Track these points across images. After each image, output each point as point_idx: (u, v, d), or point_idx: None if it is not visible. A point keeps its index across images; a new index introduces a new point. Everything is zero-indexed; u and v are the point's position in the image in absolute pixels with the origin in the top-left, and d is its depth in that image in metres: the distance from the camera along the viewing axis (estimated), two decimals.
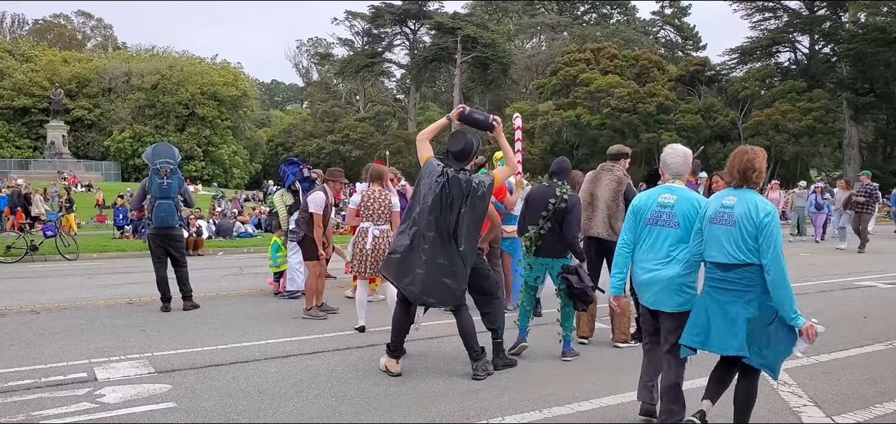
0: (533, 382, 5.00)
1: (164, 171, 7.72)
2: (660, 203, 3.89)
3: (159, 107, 56.25)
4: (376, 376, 5.10)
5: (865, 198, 15.20)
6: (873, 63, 44.38)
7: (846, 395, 4.74)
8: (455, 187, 4.90)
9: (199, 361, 5.54)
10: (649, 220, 3.92)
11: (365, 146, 58.64)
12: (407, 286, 4.96)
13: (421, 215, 4.94)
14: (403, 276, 4.95)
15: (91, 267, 13.01)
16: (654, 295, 3.86)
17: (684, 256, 3.74)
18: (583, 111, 52.09)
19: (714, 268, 3.57)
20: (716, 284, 3.56)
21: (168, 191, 7.74)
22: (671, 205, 3.84)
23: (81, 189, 38.48)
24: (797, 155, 47.66)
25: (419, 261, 4.89)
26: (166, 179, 7.72)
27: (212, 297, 9.00)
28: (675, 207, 3.81)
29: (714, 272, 3.57)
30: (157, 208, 7.69)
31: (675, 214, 3.81)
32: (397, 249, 5.03)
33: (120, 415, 4.24)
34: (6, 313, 7.72)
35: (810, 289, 9.25)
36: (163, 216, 7.72)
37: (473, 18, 64.25)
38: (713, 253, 3.56)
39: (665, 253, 3.82)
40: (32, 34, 71.00)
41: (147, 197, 7.86)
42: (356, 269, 6.54)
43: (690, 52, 68.72)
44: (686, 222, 3.77)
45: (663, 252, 3.83)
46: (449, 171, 4.95)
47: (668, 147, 4.11)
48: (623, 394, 4.71)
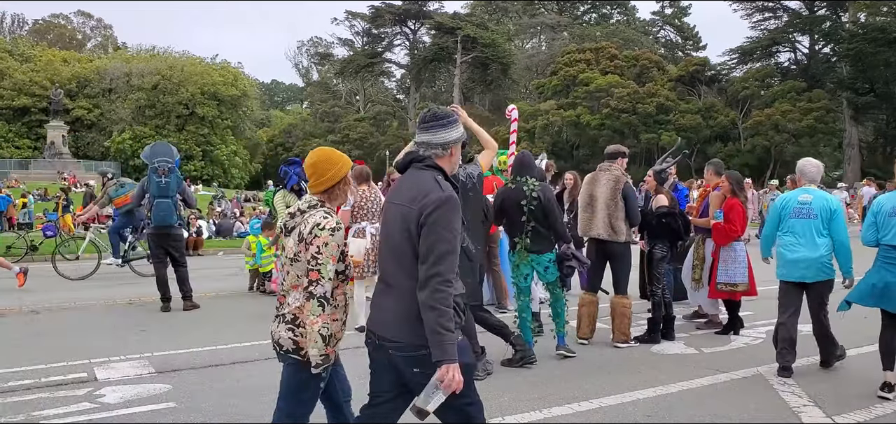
0: (533, 382, 5.00)
1: (162, 170, 7.72)
2: (800, 201, 5.15)
3: (159, 107, 56.19)
4: None
5: None
6: (873, 63, 44.37)
7: (846, 395, 4.74)
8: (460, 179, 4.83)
9: (199, 361, 5.54)
10: (792, 214, 5.15)
11: (365, 146, 58.63)
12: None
13: None
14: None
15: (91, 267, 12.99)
16: (801, 271, 5.10)
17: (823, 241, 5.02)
18: (583, 111, 52.07)
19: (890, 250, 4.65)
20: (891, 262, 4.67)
21: (166, 190, 7.73)
22: (809, 202, 5.10)
23: (81, 189, 38.45)
24: (797, 155, 47.56)
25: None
26: (164, 178, 7.72)
27: (212, 297, 9.00)
28: (813, 204, 5.08)
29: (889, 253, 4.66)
30: (155, 207, 7.69)
31: (813, 209, 5.07)
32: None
33: (120, 415, 4.24)
34: (6, 313, 7.71)
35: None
36: (161, 215, 7.71)
37: (473, 18, 64.22)
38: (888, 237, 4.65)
39: (809, 239, 5.05)
40: (32, 34, 70.95)
41: (146, 196, 7.86)
42: (354, 269, 6.57)
43: (690, 52, 68.66)
44: (822, 214, 5.03)
45: (806, 238, 5.05)
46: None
47: (803, 159, 5.43)
48: (623, 394, 4.71)
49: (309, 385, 2.81)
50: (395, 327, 2.57)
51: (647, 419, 4.27)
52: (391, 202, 2.71)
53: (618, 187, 5.97)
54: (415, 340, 2.49)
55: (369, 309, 2.83)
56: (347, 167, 2.86)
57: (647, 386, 4.88)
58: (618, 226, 5.90)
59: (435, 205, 2.47)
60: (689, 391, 4.86)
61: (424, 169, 2.66)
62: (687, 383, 5.02)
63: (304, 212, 2.75)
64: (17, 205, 23.54)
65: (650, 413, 4.34)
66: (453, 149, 2.74)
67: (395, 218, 2.61)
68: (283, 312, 2.78)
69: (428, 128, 2.72)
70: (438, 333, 2.39)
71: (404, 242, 2.53)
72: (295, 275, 2.73)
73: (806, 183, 5.25)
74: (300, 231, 2.71)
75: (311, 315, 2.61)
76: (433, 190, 2.54)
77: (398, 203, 2.61)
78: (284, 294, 2.81)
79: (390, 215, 2.67)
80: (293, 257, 2.72)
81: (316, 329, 2.60)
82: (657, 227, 6.24)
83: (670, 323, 6.42)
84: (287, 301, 2.78)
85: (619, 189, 5.96)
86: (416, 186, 2.59)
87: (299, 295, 2.70)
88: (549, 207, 5.46)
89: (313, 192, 2.81)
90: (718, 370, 5.33)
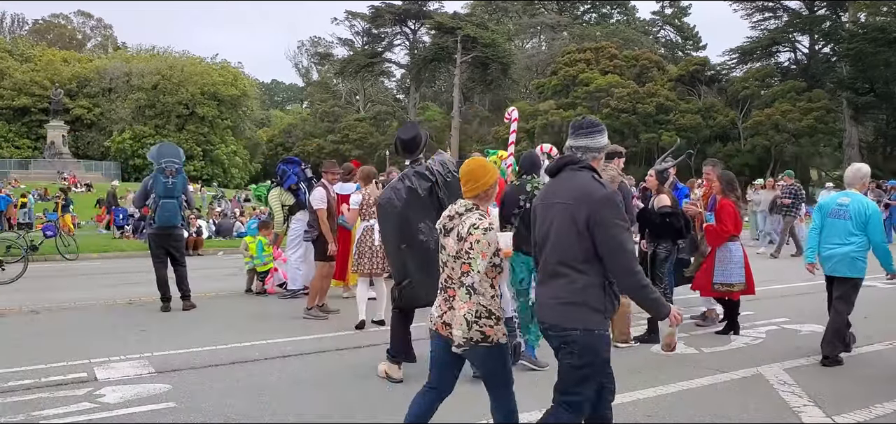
0: (533, 382, 5.00)
1: (170, 171, 7.71)
2: (838, 203, 5.65)
3: (159, 107, 56.20)
4: (376, 376, 5.09)
5: (791, 199, 14.65)
6: (873, 63, 44.32)
7: (846, 395, 4.73)
8: (420, 180, 4.84)
9: (199, 361, 5.54)
10: (831, 214, 5.65)
11: (365, 146, 58.60)
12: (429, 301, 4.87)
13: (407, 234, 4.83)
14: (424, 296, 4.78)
15: (91, 267, 13.01)
16: (833, 265, 5.57)
17: (855, 239, 5.43)
18: (583, 111, 51.92)
19: None
20: None
21: (173, 191, 7.73)
22: (846, 204, 5.56)
23: (81, 189, 38.44)
24: (797, 155, 47.61)
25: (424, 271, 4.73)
26: (171, 179, 7.71)
27: (212, 297, 9.00)
28: (849, 207, 5.54)
29: None
30: (161, 207, 7.66)
31: (848, 211, 5.52)
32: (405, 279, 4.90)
33: (120, 415, 4.24)
34: (6, 313, 7.71)
35: (810, 290, 9.24)
36: (167, 215, 7.71)
37: (473, 18, 64.17)
38: None
39: (841, 238, 5.50)
40: (32, 34, 70.95)
41: (151, 196, 7.81)
42: (356, 265, 6.60)
43: (690, 52, 68.62)
44: (856, 216, 5.46)
45: (840, 237, 5.52)
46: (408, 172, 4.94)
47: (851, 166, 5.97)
48: (623, 394, 4.69)
49: (503, 361, 3.17)
50: (551, 310, 2.95)
51: (647, 419, 4.27)
52: (551, 201, 3.02)
53: (612, 185, 5.96)
54: (566, 323, 2.88)
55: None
56: (495, 176, 3.29)
57: (647, 386, 4.88)
58: None
59: (603, 202, 2.84)
60: (689, 391, 4.86)
61: (581, 170, 2.99)
62: (687, 383, 5.02)
63: (461, 215, 3.15)
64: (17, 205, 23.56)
65: (650, 413, 4.35)
66: (601, 154, 3.14)
67: (558, 215, 2.94)
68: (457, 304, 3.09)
69: (586, 134, 3.10)
70: (653, 299, 2.89)
71: (571, 235, 2.87)
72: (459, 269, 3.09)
73: (846, 186, 5.77)
74: (459, 231, 3.11)
75: (460, 301, 3.03)
76: (597, 189, 2.90)
77: (562, 201, 2.94)
78: (453, 288, 3.14)
79: (551, 212, 2.99)
80: (455, 255, 3.11)
81: (462, 313, 3.01)
82: (660, 227, 6.24)
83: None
84: (458, 294, 3.10)
85: (613, 187, 5.95)
86: (578, 186, 2.93)
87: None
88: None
89: (467, 197, 3.23)
90: (718, 370, 5.33)
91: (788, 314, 7.62)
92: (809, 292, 9.04)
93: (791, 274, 11.42)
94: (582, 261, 2.85)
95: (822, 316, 7.17)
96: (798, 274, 11.36)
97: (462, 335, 3.00)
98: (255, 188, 10.25)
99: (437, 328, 3.21)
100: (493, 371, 3.17)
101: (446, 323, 3.15)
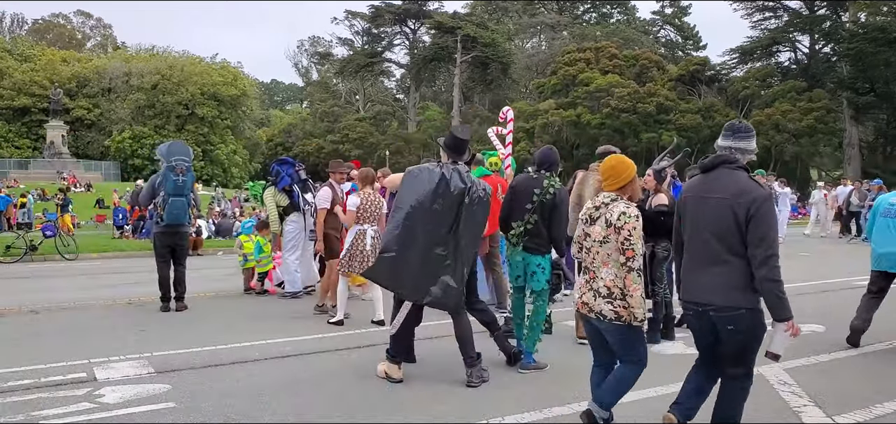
0: (533, 382, 5.00)
1: (180, 169, 7.70)
2: (890, 202, 6.11)
3: (159, 106, 56.17)
4: (376, 376, 5.08)
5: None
6: (873, 63, 44.28)
7: (846, 395, 4.73)
8: (455, 179, 4.75)
9: (199, 361, 5.53)
10: (883, 213, 6.09)
11: (364, 146, 58.57)
12: (404, 289, 4.80)
13: (417, 209, 4.72)
14: (399, 278, 4.76)
15: (91, 267, 13.01)
16: (888, 263, 6.01)
17: None
18: (583, 111, 52.01)
19: None
20: None
21: (183, 189, 7.72)
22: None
23: (81, 189, 38.44)
24: (797, 155, 47.60)
25: (417, 258, 4.70)
26: (181, 177, 7.70)
27: (212, 297, 9.00)
28: None
29: None
30: (170, 205, 7.64)
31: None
32: (388, 248, 4.76)
33: (120, 415, 4.24)
34: (6, 313, 7.71)
35: (810, 289, 9.25)
36: (176, 213, 7.70)
37: (473, 18, 64.14)
38: None
39: (893, 236, 5.96)
40: (32, 34, 70.92)
41: (159, 194, 7.79)
42: (346, 267, 6.63)
43: (690, 52, 68.58)
44: None
45: (892, 234, 5.97)
46: (447, 166, 4.87)
47: None
48: None
49: (638, 336, 3.64)
50: (720, 293, 3.34)
51: (648, 419, 4.26)
52: (707, 195, 3.42)
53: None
54: (736, 304, 3.31)
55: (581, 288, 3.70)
56: (634, 170, 3.69)
57: (648, 386, 4.87)
58: None
59: (762, 200, 3.27)
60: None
61: (737, 170, 3.40)
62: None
63: (607, 205, 3.58)
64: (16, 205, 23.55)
65: (650, 413, 4.34)
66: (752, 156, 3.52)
67: (717, 208, 3.35)
68: (597, 287, 3.56)
69: (741, 137, 3.49)
70: (779, 297, 3.26)
71: (732, 227, 3.29)
72: (605, 254, 3.55)
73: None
74: (607, 218, 3.54)
75: (633, 284, 3.46)
76: (755, 188, 3.32)
77: (721, 196, 3.35)
78: (594, 270, 3.59)
79: (707, 205, 3.40)
80: (603, 240, 3.55)
81: (638, 294, 3.46)
82: (658, 226, 6.23)
83: (670, 322, 6.42)
84: (599, 276, 3.56)
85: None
86: (737, 183, 3.34)
87: (611, 270, 3.53)
88: (561, 209, 5.31)
89: (610, 190, 3.66)
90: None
91: None
92: (809, 292, 9.05)
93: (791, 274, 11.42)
94: (741, 251, 3.29)
95: (823, 316, 7.20)
96: (798, 274, 11.37)
97: (643, 312, 3.52)
98: (251, 186, 10.20)
99: (578, 306, 3.74)
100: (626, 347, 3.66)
101: (584, 301, 3.65)
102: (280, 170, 8.84)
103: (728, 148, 3.48)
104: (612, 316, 3.50)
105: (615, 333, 3.58)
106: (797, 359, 5.66)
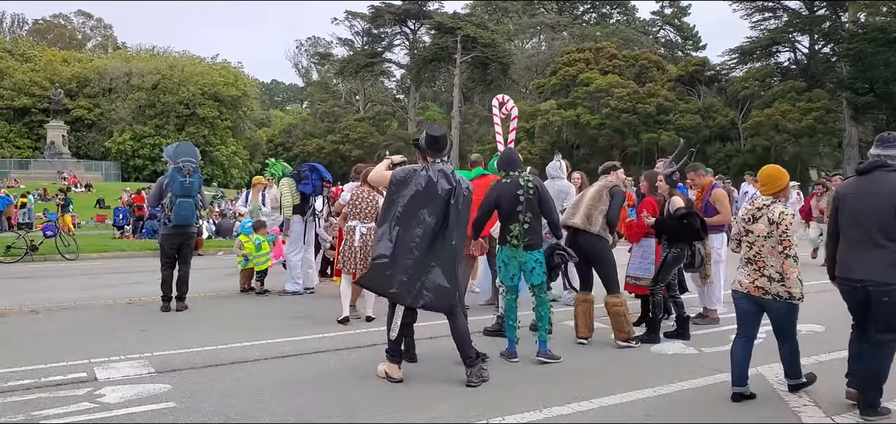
0: (533, 382, 5.00)
1: (187, 170, 7.72)
2: None
3: (159, 107, 56.15)
4: (376, 376, 5.09)
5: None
6: (873, 63, 44.27)
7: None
8: (442, 181, 4.81)
9: (199, 361, 5.54)
10: None
11: (364, 146, 58.57)
12: (396, 292, 4.80)
13: (406, 214, 4.78)
14: (391, 283, 4.77)
15: (91, 267, 13.02)
16: None
17: None
18: (583, 111, 52.03)
19: None
20: None
21: (190, 190, 7.75)
22: None
23: (81, 189, 38.44)
24: (797, 155, 47.60)
25: (408, 261, 4.73)
26: (188, 178, 7.72)
27: (212, 297, 9.00)
28: None
29: None
30: (178, 206, 7.66)
31: None
32: (381, 254, 4.80)
33: (120, 415, 4.24)
34: (6, 313, 7.71)
35: (810, 289, 9.23)
36: (184, 214, 7.72)
37: (473, 18, 64.13)
38: None
39: None
40: (32, 34, 70.92)
41: (166, 195, 7.79)
42: (343, 265, 6.66)
43: (690, 52, 68.60)
44: None
45: None
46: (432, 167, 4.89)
47: None
48: (623, 394, 4.71)
49: (796, 313, 4.52)
50: (878, 271, 4.11)
51: (647, 419, 4.27)
52: (867, 193, 4.24)
53: (606, 186, 6.22)
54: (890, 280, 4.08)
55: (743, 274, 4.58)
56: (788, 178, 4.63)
57: (647, 386, 4.89)
58: (595, 218, 6.05)
59: None
60: (689, 391, 4.86)
61: (892, 172, 4.20)
62: (687, 383, 5.02)
63: (768, 206, 4.47)
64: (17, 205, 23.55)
65: (650, 413, 4.35)
66: None
67: (876, 203, 4.17)
68: (769, 273, 4.42)
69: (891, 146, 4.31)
70: None
71: (889, 218, 4.09)
72: (769, 246, 4.41)
73: None
74: (768, 217, 4.43)
75: (791, 268, 4.32)
76: None
77: (880, 193, 4.16)
78: (763, 260, 4.44)
79: (868, 201, 4.22)
80: (767, 235, 4.41)
81: (795, 275, 4.33)
82: (678, 229, 6.25)
83: (685, 322, 6.45)
84: (767, 264, 4.43)
85: (606, 187, 6.20)
86: (891, 183, 4.16)
87: (777, 260, 4.38)
88: (545, 196, 5.55)
89: (767, 194, 4.55)
90: (718, 370, 5.33)
91: None
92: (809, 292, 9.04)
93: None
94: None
95: (823, 316, 7.19)
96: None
97: (800, 291, 4.34)
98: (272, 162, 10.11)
99: (748, 291, 4.50)
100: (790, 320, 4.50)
101: (758, 286, 4.45)
102: (310, 175, 8.88)
103: (879, 155, 4.28)
104: (785, 296, 4.36)
105: (782, 309, 4.43)
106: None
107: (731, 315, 7.61)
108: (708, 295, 7.25)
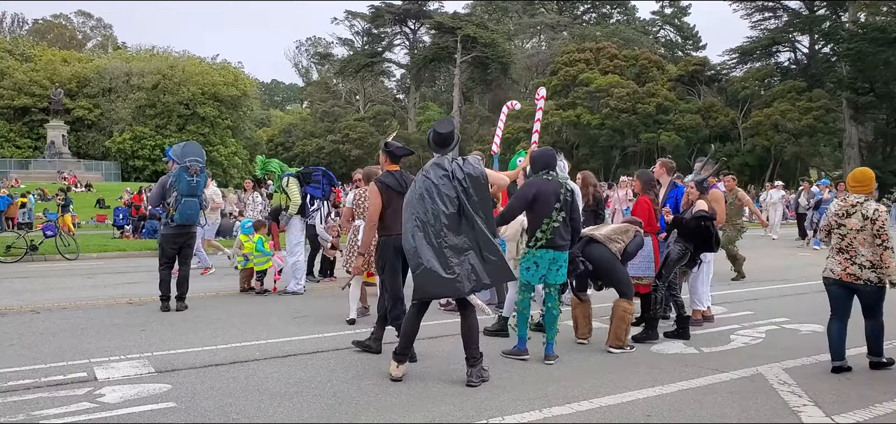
0: (533, 382, 5.00)
1: (194, 170, 7.73)
2: None
3: (160, 106, 56.13)
4: (376, 376, 5.09)
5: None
6: (873, 63, 44.26)
7: (846, 395, 4.74)
8: (445, 185, 4.80)
9: (199, 361, 5.54)
10: None
11: (365, 146, 58.52)
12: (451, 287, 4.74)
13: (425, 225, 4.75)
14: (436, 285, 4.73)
15: (91, 267, 13.01)
16: None
17: None
18: (583, 111, 52.01)
19: None
20: None
21: (196, 189, 7.76)
22: None
23: (81, 189, 38.43)
24: (797, 155, 47.59)
25: (441, 260, 4.70)
26: (195, 177, 7.72)
27: (211, 297, 9.00)
28: None
29: None
30: (183, 206, 7.66)
31: None
32: (417, 263, 4.73)
33: (120, 415, 4.24)
34: (6, 313, 7.71)
35: (810, 289, 9.24)
36: (189, 213, 7.74)
37: (473, 18, 64.11)
38: None
39: None
40: (32, 34, 70.90)
41: (171, 194, 7.76)
42: (347, 264, 6.68)
43: (690, 52, 68.55)
44: None
45: None
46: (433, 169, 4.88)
47: None
48: (623, 394, 4.71)
49: (883, 295, 5.11)
50: None
51: (647, 419, 4.27)
52: None
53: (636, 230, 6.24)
54: None
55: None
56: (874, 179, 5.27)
57: (647, 386, 4.89)
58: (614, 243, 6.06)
59: None
60: (689, 391, 4.86)
61: None
62: (687, 383, 5.02)
63: (861, 203, 5.09)
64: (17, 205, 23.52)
65: (650, 413, 4.35)
66: None
67: None
68: (861, 261, 5.05)
69: None
70: None
71: None
72: (862, 238, 5.03)
73: None
74: (863, 213, 5.04)
75: (890, 258, 4.91)
76: None
77: None
78: (854, 250, 5.06)
79: None
80: (860, 228, 5.04)
81: (893, 264, 4.93)
82: (694, 229, 6.30)
83: (685, 322, 6.46)
84: (859, 253, 5.05)
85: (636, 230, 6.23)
86: None
87: (869, 250, 5.01)
88: (577, 202, 5.81)
89: (857, 192, 5.17)
90: (718, 370, 5.34)
91: (788, 314, 7.63)
92: (809, 292, 9.05)
93: (789, 273, 11.42)
94: None
95: (823, 316, 7.18)
96: (798, 274, 11.37)
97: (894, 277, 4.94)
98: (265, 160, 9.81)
99: (840, 277, 5.13)
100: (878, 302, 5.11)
101: (849, 273, 5.09)
102: (322, 179, 8.92)
103: None
104: (876, 281, 4.99)
105: (873, 293, 5.05)
106: (797, 359, 5.67)
107: (730, 315, 7.68)
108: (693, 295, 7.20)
